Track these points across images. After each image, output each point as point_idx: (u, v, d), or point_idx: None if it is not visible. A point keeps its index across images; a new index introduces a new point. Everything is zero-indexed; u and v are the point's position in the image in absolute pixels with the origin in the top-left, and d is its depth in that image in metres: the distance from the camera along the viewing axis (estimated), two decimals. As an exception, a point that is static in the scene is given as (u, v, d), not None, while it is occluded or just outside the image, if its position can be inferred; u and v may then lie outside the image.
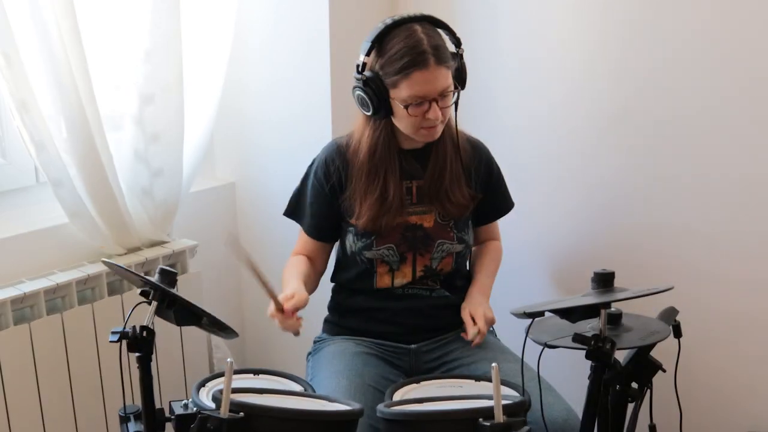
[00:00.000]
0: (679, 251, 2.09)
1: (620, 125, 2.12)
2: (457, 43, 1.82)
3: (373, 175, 1.87)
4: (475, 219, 2.01)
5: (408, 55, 1.73)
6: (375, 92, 1.78)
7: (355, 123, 1.92)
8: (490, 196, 1.99)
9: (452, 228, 1.92)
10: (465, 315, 1.90)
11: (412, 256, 1.91)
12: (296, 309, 1.77)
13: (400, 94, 1.76)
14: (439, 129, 1.83)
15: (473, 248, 2.07)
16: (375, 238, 1.89)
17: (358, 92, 1.80)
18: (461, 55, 1.82)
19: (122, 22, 2.04)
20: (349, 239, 1.93)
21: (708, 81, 1.96)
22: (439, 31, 1.80)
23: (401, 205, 1.89)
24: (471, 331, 1.85)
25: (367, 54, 1.78)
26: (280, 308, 1.75)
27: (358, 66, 1.79)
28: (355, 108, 1.94)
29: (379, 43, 1.77)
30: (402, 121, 1.81)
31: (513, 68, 2.26)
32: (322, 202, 1.94)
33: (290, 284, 1.85)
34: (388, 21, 1.77)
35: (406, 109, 1.76)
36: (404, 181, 1.90)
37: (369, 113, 1.82)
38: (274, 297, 1.74)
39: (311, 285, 1.96)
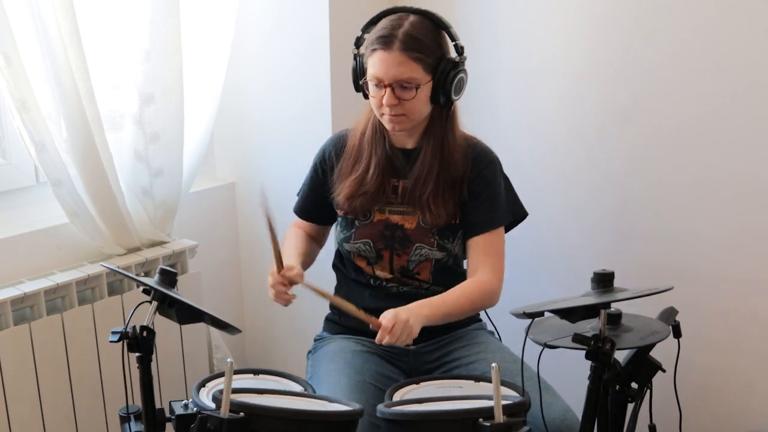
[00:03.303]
0: (678, 251, 2.09)
1: (620, 126, 2.12)
2: (459, 50, 1.81)
3: (358, 154, 1.90)
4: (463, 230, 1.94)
5: (379, 33, 1.76)
6: (356, 69, 1.84)
7: None
8: (474, 205, 1.88)
9: (434, 234, 1.88)
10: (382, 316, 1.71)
11: (388, 255, 1.91)
12: (291, 281, 1.79)
13: (367, 71, 1.80)
14: (404, 121, 1.80)
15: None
16: (354, 231, 1.91)
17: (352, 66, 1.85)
18: (460, 63, 1.79)
19: (122, 22, 2.04)
20: (337, 229, 1.97)
21: (708, 82, 1.97)
22: (443, 33, 1.80)
23: (380, 191, 1.88)
24: (379, 334, 1.68)
25: (364, 30, 1.83)
26: (279, 268, 1.78)
27: (355, 39, 1.84)
28: (354, 107, 1.95)
29: (374, 23, 1.81)
30: (370, 102, 1.84)
31: (513, 68, 2.27)
32: (314, 185, 2.00)
33: (288, 259, 1.87)
34: (393, 7, 1.82)
35: (369, 88, 1.80)
36: (392, 178, 1.90)
37: (355, 89, 1.86)
38: (279, 257, 1.78)
39: (309, 257, 2.02)
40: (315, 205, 2.01)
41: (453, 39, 1.82)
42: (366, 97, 1.84)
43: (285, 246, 1.97)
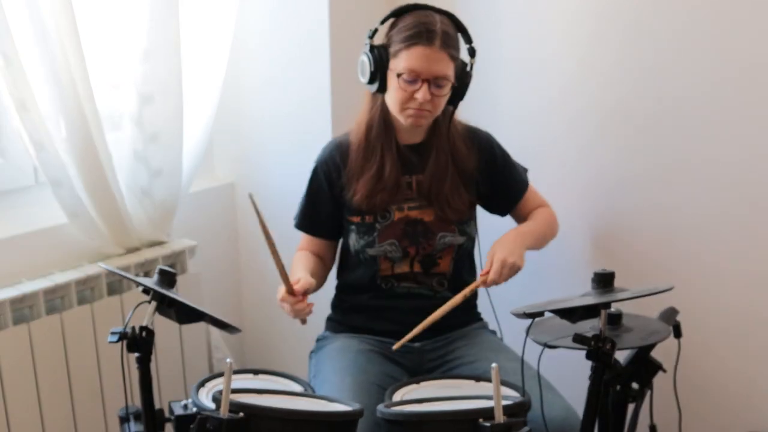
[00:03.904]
0: (679, 251, 2.09)
1: (620, 124, 2.12)
2: (471, 52, 1.83)
3: (369, 151, 1.88)
4: (500, 210, 2.04)
5: (417, 28, 1.76)
6: (376, 60, 1.80)
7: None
8: (500, 185, 1.98)
9: (453, 222, 1.92)
10: (489, 254, 1.85)
11: (414, 251, 1.91)
12: (305, 292, 1.78)
13: (398, 64, 1.77)
14: (427, 117, 1.82)
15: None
16: (377, 234, 1.89)
17: (362, 57, 1.82)
18: (471, 66, 1.83)
19: (121, 22, 2.04)
20: (352, 238, 1.93)
21: (708, 79, 1.96)
22: (459, 37, 1.83)
23: (396, 187, 1.88)
24: (480, 277, 1.83)
25: (382, 22, 1.82)
26: (290, 291, 1.75)
27: (370, 31, 1.82)
28: (355, 106, 1.94)
29: (397, 16, 1.81)
30: (392, 96, 1.81)
31: (513, 66, 2.26)
32: (320, 198, 1.95)
33: (296, 273, 1.86)
34: (416, 3, 1.82)
35: (399, 82, 1.77)
36: (404, 175, 1.90)
37: (364, 81, 1.83)
38: (286, 278, 1.75)
39: (319, 278, 1.94)
40: (323, 217, 1.97)
41: (469, 41, 1.84)
42: (381, 90, 1.83)
43: (293, 267, 1.93)
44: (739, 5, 1.89)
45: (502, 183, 1.99)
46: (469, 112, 1.96)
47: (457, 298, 1.82)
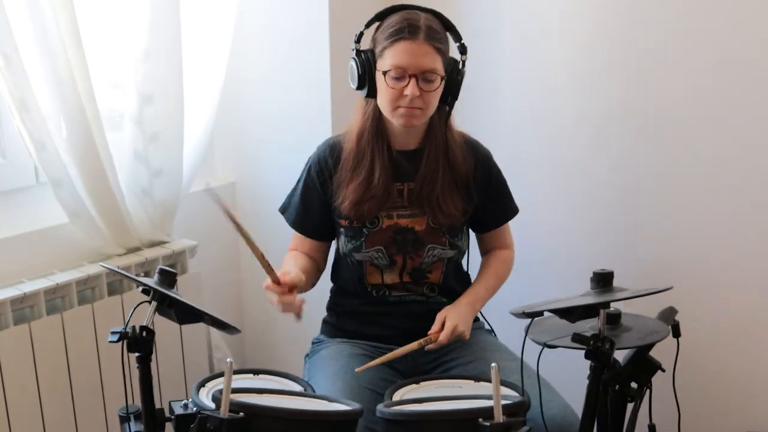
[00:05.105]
0: (678, 251, 2.09)
1: (620, 125, 2.12)
2: (462, 49, 1.81)
3: (359, 158, 1.86)
4: (477, 226, 2.01)
5: (400, 25, 1.75)
6: (363, 64, 1.79)
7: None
8: (489, 202, 1.95)
9: (444, 233, 1.89)
10: (438, 316, 1.85)
11: (401, 260, 1.89)
12: (292, 285, 1.74)
13: (384, 63, 1.76)
14: (419, 115, 1.79)
15: (482, 258, 2.04)
16: (364, 239, 1.88)
17: (351, 63, 1.82)
18: (463, 63, 1.81)
19: (122, 21, 2.04)
20: (341, 240, 1.92)
21: (709, 80, 1.97)
22: (447, 34, 1.81)
23: (386, 195, 1.85)
24: (430, 335, 1.81)
25: (368, 26, 1.81)
26: (275, 281, 1.71)
27: (356, 35, 1.81)
28: (354, 102, 1.94)
29: (381, 19, 1.80)
30: (382, 96, 1.79)
31: (514, 67, 2.27)
32: (313, 199, 1.93)
33: (286, 268, 1.83)
34: (400, 4, 1.80)
35: (386, 80, 1.75)
36: (395, 182, 1.88)
37: (354, 86, 1.83)
38: (269, 267, 1.70)
39: (310, 276, 1.93)
40: (316, 219, 1.94)
41: (458, 39, 1.82)
42: (370, 94, 1.81)
43: (283, 265, 1.90)
44: (737, 7, 1.89)
45: (492, 201, 1.95)
46: (469, 118, 1.95)
47: (413, 346, 1.79)
